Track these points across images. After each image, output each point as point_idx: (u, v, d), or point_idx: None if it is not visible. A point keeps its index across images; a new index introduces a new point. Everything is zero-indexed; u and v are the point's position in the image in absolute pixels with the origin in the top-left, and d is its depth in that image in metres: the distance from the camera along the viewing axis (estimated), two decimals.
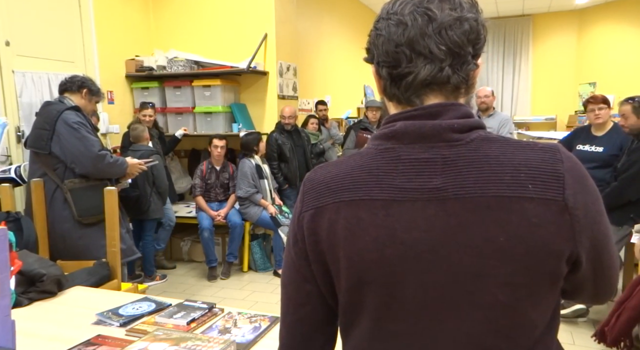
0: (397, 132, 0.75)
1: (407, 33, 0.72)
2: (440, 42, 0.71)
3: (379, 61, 0.77)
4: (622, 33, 8.61)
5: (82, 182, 2.87)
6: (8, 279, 1.23)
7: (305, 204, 0.78)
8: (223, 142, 4.51)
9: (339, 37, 7.99)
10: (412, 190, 0.72)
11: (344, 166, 0.77)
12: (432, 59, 0.72)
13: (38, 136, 2.82)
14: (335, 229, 0.74)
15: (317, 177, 0.80)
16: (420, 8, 0.72)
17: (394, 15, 0.74)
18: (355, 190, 0.74)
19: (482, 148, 0.71)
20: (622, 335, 2.36)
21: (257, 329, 1.57)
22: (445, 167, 0.71)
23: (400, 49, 0.73)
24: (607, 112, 3.45)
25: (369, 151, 0.77)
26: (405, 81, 0.74)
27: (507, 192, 0.69)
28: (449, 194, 0.70)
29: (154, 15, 5.34)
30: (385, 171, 0.73)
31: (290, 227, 0.82)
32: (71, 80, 2.98)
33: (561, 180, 0.69)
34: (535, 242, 0.69)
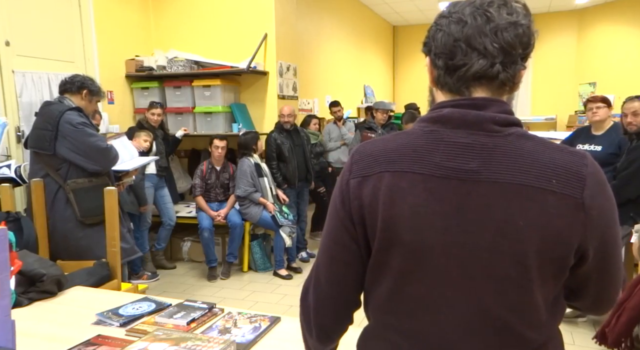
0: (444, 116, 0.83)
1: (465, 30, 0.81)
2: (495, 41, 0.80)
3: (437, 53, 0.85)
4: (622, 33, 8.61)
5: (84, 183, 2.88)
6: (8, 279, 1.23)
7: (353, 172, 0.87)
8: (224, 143, 4.51)
9: (339, 37, 7.99)
10: (450, 169, 0.80)
11: (391, 143, 0.87)
12: (486, 54, 0.80)
13: (40, 136, 2.82)
14: (377, 195, 0.83)
15: (366, 150, 0.88)
16: (481, 9, 0.81)
17: (455, 14, 0.83)
18: (399, 163, 0.83)
19: (518, 142, 0.80)
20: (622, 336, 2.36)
21: (257, 329, 1.57)
22: (482, 153, 0.80)
23: (457, 43, 0.82)
24: (605, 111, 3.47)
25: (415, 131, 0.86)
26: (459, 72, 0.83)
27: (534, 182, 0.77)
28: (482, 177, 0.79)
29: (154, 15, 5.34)
30: (428, 150, 0.82)
31: (337, 193, 0.90)
32: (71, 81, 2.97)
33: (583, 181, 0.78)
34: (549, 231, 0.77)
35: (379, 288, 0.88)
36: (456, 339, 0.83)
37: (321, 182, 5.40)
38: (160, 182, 4.53)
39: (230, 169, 4.66)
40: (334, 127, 5.90)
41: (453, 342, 0.83)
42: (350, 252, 0.89)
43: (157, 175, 4.43)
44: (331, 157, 5.79)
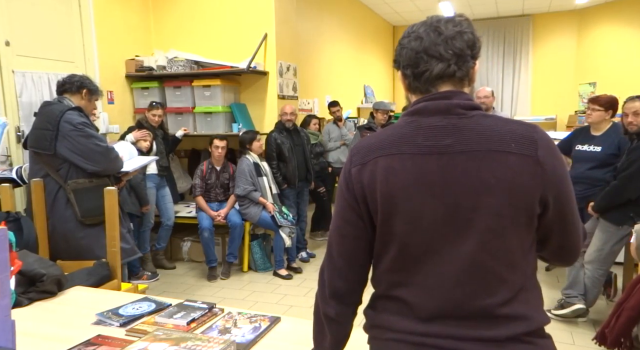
0: (420, 108, 1.05)
1: (423, 43, 1.03)
2: (447, 48, 1.01)
3: (404, 65, 1.06)
4: (622, 33, 8.61)
5: (85, 183, 2.87)
6: (8, 279, 1.23)
7: (353, 162, 1.08)
8: (224, 143, 4.50)
9: (339, 37, 7.99)
10: (430, 146, 1.00)
11: (382, 134, 1.07)
12: (442, 59, 1.02)
13: (40, 136, 2.81)
14: (374, 176, 1.02)
15: (362, 144, 1.09)
16: (432, 26, 1.03)
17: (413, 33, 1.05)
18: (389, 148, 1.03)
19: (481, 120, 1.01)
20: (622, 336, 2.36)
21: (257, 329, 1.57)
22: (454, 131, 1.00)
23: (419, 55, 1.03)
24: (599, 115, 3.50)
25: (399, 123, 1.08)
26: (424, 76, 1.04)
27: (497, 147, 0.97)
28: (456, 149, 0.98)
29: (154, 15, 5.34)
30: (411, 135, 1.02)
31: (342, 180, 1.10)
32: (70, 81, 2.96)
33: (535, 143, 0.99)
34: (515, 185, 0.97)
35: (387, 254, 1.06)
36: (450, 285, 1.00)
37: (321, 182, 5.40)
38: (162, 182, 4.53)
39: (230, 169, 4.66)
40: (333, 127, 5.90)
41: (448, 288, 1.00)
42: (357, 228, 1.08)
43: (158, 175, 4.43)
44: (331, 157, 5.78)
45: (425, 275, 1.01)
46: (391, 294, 1.07)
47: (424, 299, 1.01)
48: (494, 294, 0.99)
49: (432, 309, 1.01)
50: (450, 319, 1.00)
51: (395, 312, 1.06)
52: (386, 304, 1.08)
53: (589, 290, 3.30)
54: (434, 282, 1.01)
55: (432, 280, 1.01)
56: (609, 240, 3.20)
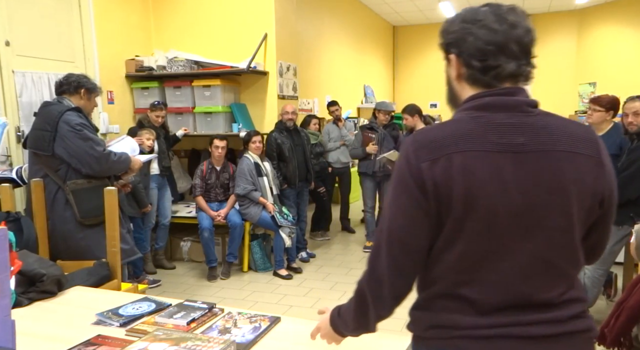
0: (487, 104, 1.03)
1: (496, 36, 1.00)
2: (520, 45, 1.01)
3: (470, 55, 1.03)
4: (622, 33, 8.61)
5: (84, 184, 2.86)
6: (8, 279, 1.23)
7: (420, 157, 1.01)
8: (224, 143, 4.50)
9: (339, 37, 7.99)
10: (504, 144, 0.99)
11: (447, 129, 1.03)
12: (515, 58, 1.01)
13: (39, 137, 2.81)
14: (450, 173, 0.98)
15: (425, 138, 1.03)
16: (502, 18, 1.01)
17: (479, 21, 1.02)
18: (462, 144, 0.99)
19: (546, 119, 1.03)
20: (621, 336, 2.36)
21: (257, 329, 1.57)
22: (525, 130, 1.00)
23: (490, 47, 1.01)
24: (599, 115, 3.48)
25: (463, 118, 1.04)
26: (494, 72, 1.02)
27: (567, 148, 1.00)
28: (530, 148, 0.99)
29: (154, 15, 5.34)
30: (481, 132, 1.00)
31: (406, 177, 1.02)
32: (67, 81, 2.95)
33: (597, 144, 1.04)
34: (584, 185, 1.01)
35: (451, 251, 1.02)
36: (516, 281, 1.01)
37: (321, 182, 5.40)
38: (163, 182, 4.53)
39: (230, 169, 4.66)
40: (333, 128, 5.90)
41: (513, 284, 1.01)
42: (423, 227, 1.03)
43: (160, 175, 4.43)
44: (331, 158, 5.78)
45: (491, 272, 1.01)
46: (453, 292, 1.04)
47: (489, 295, 1.02)
48: (557, 287, 1.02)
49: (495, 303, 1.02)
50: (513, 309, 1.01)
51: (455, 310, 1.04)
52: (445, 303, 1.06)
53: (589, 290, 3.30)
54: (499, 279, 1.01)
55: (498, 276, 1.01)
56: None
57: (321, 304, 3.80)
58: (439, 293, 1.07)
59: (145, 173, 4.23)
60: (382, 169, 5.09)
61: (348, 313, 1.17)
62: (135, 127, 4.34)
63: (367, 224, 5.40)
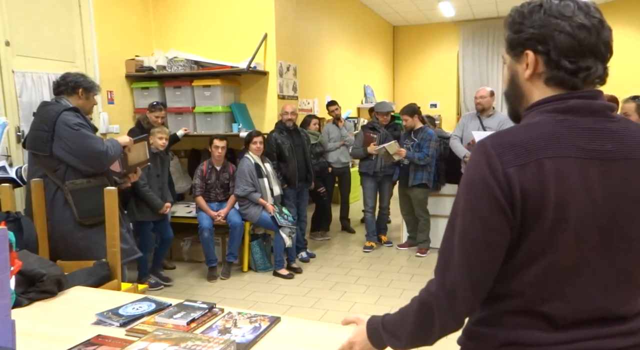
0: (573, 107, 0.97)
1: (590, 37, 0.94)
2: (606, 48, 0.97)
3: (560, 53, 0.96)
4: (622, 33, 8.61)
5: (82, 184, 2.86)
6: (8, 279, 1.23)
7: (505, 162, 0.93)
8: (224, 143, 4.50)
9: (339, 37, 7.99)
10: (592, 151, 0.94)
11: (531, 133, 0.96)
12: (602, 60, 0.97)
13: (37, 137, 2.81)
14: (541, 180, 0.92)
15: (506, 141, 0.96)
16: (593, 17, 0.95)
17: (569, 18, 0.95)
18: (551, 150, 0.93)
19: (630, 125, 0.99)
20: None
21: (257, 329, 1.57)
22: (611, 136, 0.95)
23: (582, 48, 0.95)
24: None
25: (546, 121, 0.97)
26: (584, 74, 0.96)
27: None
28: (617, 155, 0.95)
29: (154, 15, 5.34)
30: (570, 136, 0.94)
31: (490, 183, 0.94)
32: (64, 82, 2.94)
33: None
34: None
35: (534, 266, 0.96)
36: (598, 296, 0.97)
37: (321, 182, 5.40)
38: None
39: (230, 169, 4.66)
40: (333, 128, 5.90)
41: (595, 298, 0.97)
42: (504, 237, 0.96)
43: None
44: (330, 158, 5.78)
45: (573, 287, 0.96)
46: (531, 309, 0.98)
47: (568, 311, 0.97)
48: (633, 301, 1.00)
49: (573, 319, 0.97)
50: (591, 323, 0.98)
51: (530, 326, 0.98)
52: (519, 320, 0.99)
53: None
54: (581, 294, 0.96)
55: (580, 292, 0.96)
56: None
57: (321, 304, 3.80)
58: (513, 309, 1.00)
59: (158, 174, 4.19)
60: (383, 169, 5.09)
61: (402, 326, 1.08)
62: (136, 128, 4.30)
63: (367, 224, 5.40)
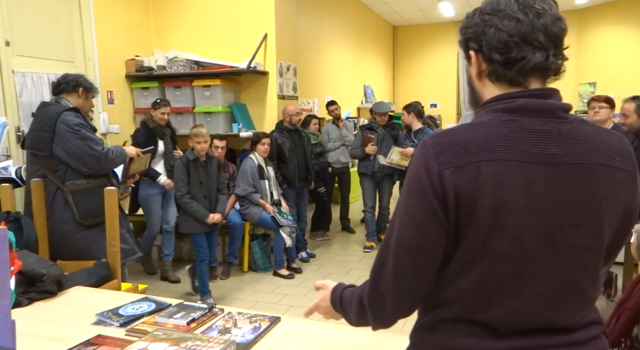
0: (520, 106, 0.91)
1: (520, 26, 0.90)
2: (547, 34, 0.90)
3: (491, 48, 0.93)
4: (622, 33, 8.61)
5: (83, 184, 2.86)
6: (8, 279, 1.23)
7: (441, 163, 0.89)
8: (223, 143, 4.49)
9: (339, 37, 7.99)
10: (537, 154, 0.88)
11: (475, 133, 0.91)
12: (540, 48, 0.90)
13: (37, 138, 2.81)
14: (476, 184, 0.87)
15: (448, 140, 0.91)
16: (527, 6, 0.91)
17: (501, 11, 0.91)
18: (492, 152, 0.88)
19: (581, 127, 0.92)
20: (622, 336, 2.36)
21: (257, 329, 1.57)
22: (559, 139, 0.90)
23: (512, 38, 0.90)
24: (607, 112, 3.47)
25: (493, 121, 0.92)
26: (519, 65, 0.91)
27: (604, 161, 0.90)
28: (564, 160, 0.89)
29: (154, 15, 5.34)
30: (514, 138, 0.89)
31: (425, 185, 0.90)
32: (65, 80, 2.95)
33: (632, 157, 0.94)
34: (617, 202, 0.92)
35: (470, 273, 0.92)
36: (542, 307, 0.91)
37: (321, 182, 5.40)
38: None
39: (230, 169, 4.66)
40: (332, 128, 5.90)
41: (539, 310, 0.91)
42: (438, 241, 0.92)
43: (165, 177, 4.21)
44: (330, 158, 5.78)
45: (514, 297, 0.91)
46: (469, 317, 0.94)
47: (508, 321, 0.92)
48: (580, 311, 0.95)
49: (515, 328, 0.92)
50: (534, 333, 0.92)
51: (469, 333, 0.94)
52: (458, 327, 0.95)
53: None
54: (523, 305, 0.91)
55: (522, 302, 0.91)
56: None
57: None
58: (451, 317, 0.96)
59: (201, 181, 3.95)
60: (382, 169, 5.09)
61: (351, 308, 1.08)
62: (141, 129, 4.14)
63: (367, 224, 5.40)
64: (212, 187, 3.94)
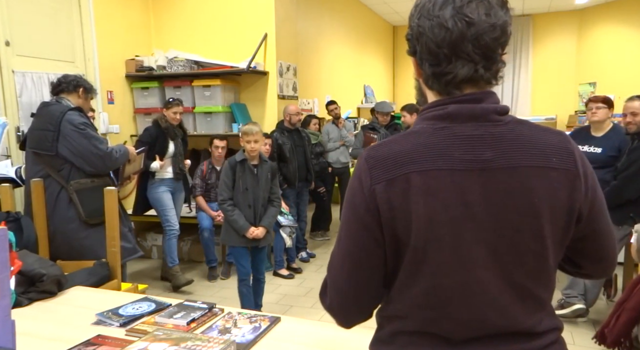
0: (451, 113, 0.89)
1: (448, 36, 0.86)
2: (477, 47, 0.86)
3: (422, 57, 0.91)
4: (622, 33, 8.61)
5: (87, 183, 2.88)
6: (8, 279, 1.23)
7: (374, 177, 0.88)
8: (224, 143, 4.50)
9: (339, 37, 7.99)
10: (469, 161, 0.86)
11: (406, 143, 0.89)
12: (468, 60, 0.87)
13: (42, 137, 2.81)
14: (407, 196, 0.86)
15: (379, 154, 0.90)
16: (460, 14, 0.85)
17: (436, 17, 0.87)
18: (422, 162, 0.86)
19: (517, 129, 0.90)
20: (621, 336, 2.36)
21: (257, 329, 1.57)
22: (493, 143, 0.87)
23: (441, 50, 0.87)
24: (605, 112, 3.45)
25: (425, 130, 0.90)
26: (445, 79, 0.89)
27: (539, 163, 0.88)
28: (497, 164, 0.86)
29: (154, 15, 5.34)
30: (445, 146, 0.87)
31: (358, 200, 0.90)
32: (65, 80, 2.96)
33: (573, 155, 0.91)
34: (556, 203, 0.88)
35: (416, 286, 0.90)
36: (492, 315, 0.90)
37: (321, 182, 5.40)
38: (178, 186, 4.26)
39: None
40: (332, 128, 5.90)
41: (490, 318, 0.90)
42: (374, 257, 0.91)
43: (174, 179, 4.17)
44: (330, 158, 5.78)
45: (462, 308, 0.90)
46: (421, 330, 0.93)
47: (462, 330, 0.91)
48: (534, 315, 0.93)
49: (472, 336, 0.91)
50: (490, 339, 0.91)
51: (426, 345, 0.93)
52: (413, 339, 0.94)
53: (589, 290, 3.29)
54: (474, 313, 0.90)
55: (471, 312, 0.90)
56: None
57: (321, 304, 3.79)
58: (404, 330, 0.95)
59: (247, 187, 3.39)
60: None
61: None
62: (151, 128, 4.02)
63: None
64: (259, 195, 3.30)
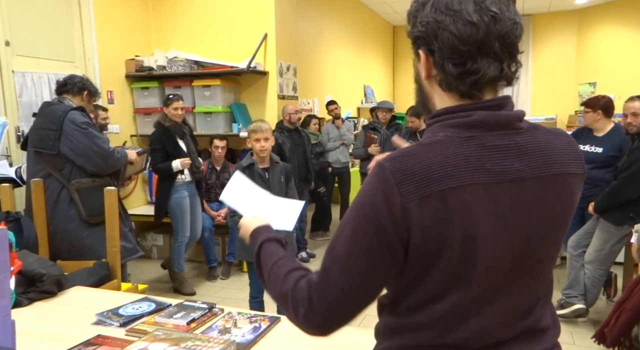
0: (479, 121, 0.84)
1: (475, 32, 0.81)
2: (503, 44, 0.82)
3: (443, 55, 0.84)
4: (622, 33, 8.61)
5: (88, 183, 2.89)
6: (8, 279, 1.23)
7: (404, 194, 0.80)
8: (224, 143, 4.50)
9: (339, 37, 7.99)
10: (501, 173, 0.83)
11: (434, 155, 0.82)
12: (496, 59, 0.83)
13: (44, 136, 2.81)
14: (443, 215, 0.80)
15: (407, 167, 0.81)
16: (484, 8, 0.81)
17: (457, 12, 0.81)
18: (457, 176, 0.81)
19: (536, 135, 0.88)
20: (621, 336, 2.36)
21: (257, 329, 1.57)
22: (519, 152, 0.85)
23: (467, 48, 0.82)
24: (591, 116, 3.52)
25: (451, 139, 0.84)
26: (471, 79, 0.84)
27: (562, 170, 0.88)
28: (526, 174, 0.85)
29: (154, 15, 5.34)
30: (476, 157, 0.83)
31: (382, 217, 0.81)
32: (71, 82, 2.97)
33: (581, 157, 0.92)
34: (572, 207, 0.91)
35: (442, 301, 0.87)
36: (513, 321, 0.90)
37: (321, 182, 5.40)
38: (194, 190, 4.11)
39: (230, 169, 4.65)
40: (332, 127, 5.90)
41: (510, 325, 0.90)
42: (387, 274, 0.87)
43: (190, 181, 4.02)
44: (330, 157, 5.78)
45: (482, 315, 0.88)
46: (438, 342, 0.89)
47: (482, 338, 0.89)
48: (543, 316, 0.94)
49: (487, 342, 0.90)
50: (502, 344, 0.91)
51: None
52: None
53: (589, 290, 3.30)
54: (497, 322, 0.88)
55: (495, 319, 0.88)
56: (609, 240, 3.20)
57: None
58: (420, 343, 0.91)
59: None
60: None
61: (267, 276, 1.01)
62: (156, 133, 3.90)
63: None
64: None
